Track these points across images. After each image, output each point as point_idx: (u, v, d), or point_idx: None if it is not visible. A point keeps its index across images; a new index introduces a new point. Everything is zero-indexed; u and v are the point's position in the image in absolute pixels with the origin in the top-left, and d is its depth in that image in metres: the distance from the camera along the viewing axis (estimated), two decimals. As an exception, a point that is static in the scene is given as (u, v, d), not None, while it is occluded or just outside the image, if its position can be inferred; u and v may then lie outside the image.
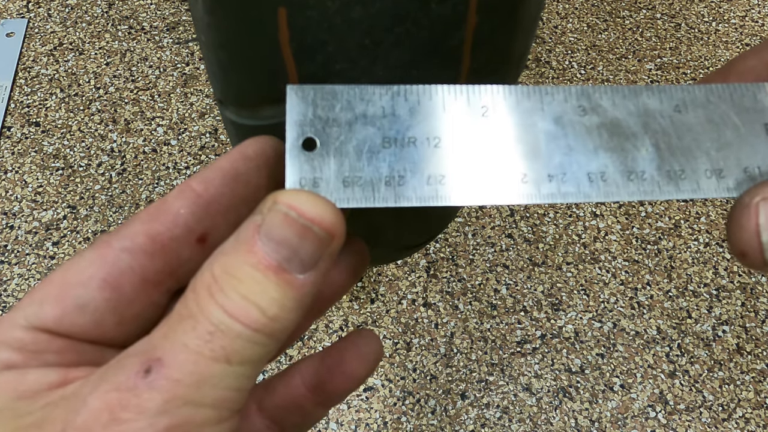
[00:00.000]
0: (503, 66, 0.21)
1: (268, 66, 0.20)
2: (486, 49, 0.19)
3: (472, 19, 0.18)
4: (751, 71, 0.20)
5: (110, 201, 0.72)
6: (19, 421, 0.15)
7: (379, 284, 0.67)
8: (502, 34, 0.20)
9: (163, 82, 0.83)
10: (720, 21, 0.97)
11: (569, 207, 0.75)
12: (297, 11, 0.18)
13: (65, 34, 0.88)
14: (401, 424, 0.59)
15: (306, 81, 0.20)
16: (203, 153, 0.76)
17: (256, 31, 0.19)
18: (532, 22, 0.21)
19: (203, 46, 0.23)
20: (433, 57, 0.19)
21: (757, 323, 0.67)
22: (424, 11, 0.17)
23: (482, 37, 0.19)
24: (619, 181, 0.17)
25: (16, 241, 0.68)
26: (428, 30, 0.18)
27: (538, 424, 0.60)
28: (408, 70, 0.19)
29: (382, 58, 0.19)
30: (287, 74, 0.20)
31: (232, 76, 0.22)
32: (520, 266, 0.70)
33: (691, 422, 0.61)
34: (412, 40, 0.18)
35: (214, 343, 0.14)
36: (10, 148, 0.76)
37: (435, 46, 0.18)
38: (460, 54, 0.19)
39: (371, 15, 0.17)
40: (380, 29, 0.18)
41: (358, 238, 0.19)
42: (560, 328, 0.66)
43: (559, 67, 0.89)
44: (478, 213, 0.73)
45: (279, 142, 0.18)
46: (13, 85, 0.82)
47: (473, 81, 0.20)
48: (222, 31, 0.21)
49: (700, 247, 0.72)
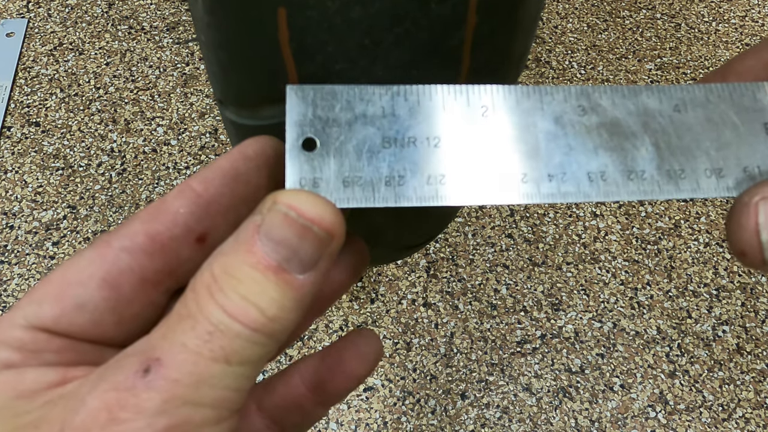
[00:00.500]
0: (503, 66, 0.21)
1: (267, 66, 0.20)
2: (486, 49, 0.19)
3: (471, 19, 0.18)
4: (749, 71, 0.19)
5: (110, 201, 0.72)
6: (18, 420, 0.15)
7: (379, 284, 0.67)
8: (502, 34, 0.20)
9: (163, 82, 0.83)
10: (720, 21, 0.97)
11: (569, 207, 0.75)
12: (297, 11, 0.18)
13: (65, 34, 0.88)
14: (401, 424, 0.59)
15: (306, 81, 0.20)
16: (203, 153, 0.76)
17: (256, 31, 0.19)
18: (531, 22, 0.21)
19: (203, 46, 0.23)
20: (432, 57, 0.19)
21: (757, 323, 0.67)
22: (424, 11, 0.17)
23: (482, 37, 0.19)
24: (619, 180, 0.17)
25: (16, 241, 0.68)
26: (428, 30, 0.18)
27: (538, 424, 0.60)
28: (408, 70, 0.19)
29: (381, 58, 0.19)
30: (287, 74, 0.20)
31: (232, 76, 0.22)
32: (520, 266, 0.70)
33: (691, 422, 0.61)
34: (412, 40, 0.18)
35: (214, 343, 0.14)
36: (10, 148, 0.76)
37: (435, 46, 0.18)
38: (459, 54, 0.19)
39: (371, 15, 0.17)
40: (380, 29, 0.18)
41: (358, 238, 0.19)
42: (560, 328, 0.66)
43: (559, 67, 0.89)
44: (478, 213, 0.73)
45: (279, 142, 0.18)
46: (13, 85, 0.82)
47: (473, 81, 0.20)
48: (222, 31, 0.21)
49: (700, 247, 0.72)
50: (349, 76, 0.19)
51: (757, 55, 0.20)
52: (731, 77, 0.20)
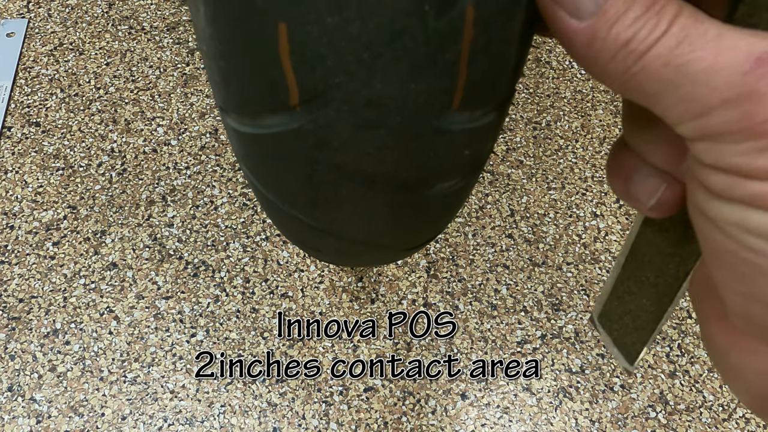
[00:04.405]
0: (500, 76, 0.21)
1: (268, 77, 0.20)
2: (482, 61, 0.20)
3: (468, 33, 0.18)
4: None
5: (110, 201, 0.72)
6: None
7: (379, 284, 0.67)
8: (498, 45, 0.20)
9: (163, 82, 0.83)
10: (720, 20, 0.97)
11: (569, 207, 0.75)
12: (297, 26, 0.18)
13: (65, 34, 0.88)
14: (401, 424, 0.59)
15: (306, 93, 0.20)
16: (203, 153, 0.77)
17: (256, 44, 0.19)
18: (528, 32, 0.21)
19: (204, 55, 0.23)
20: (430, 70, 0.19)
21: (757, 323, 0.67)
22: (422, 26, 0.18)
23: (478, 49, 0.19)
24: None
25: (16, 241, 0.69)
26: (425, 44, 0.18)
27: (538, 424, 0.60)
28: (406, 83, 0.19)
29: (380, 72, 0.19)
30: (287, 86, 0.20)
31: (233, 85, 0.23)
32: (520, 266, 0.70)
33: (692, 422, 0.61)
34: (410, 54, 0.18)
35: None
36: (10, 148, 0.76)
37: (432, 59, 0.19)
38: (456, 67, 0.19)
39: (370, 30, 0.18)
40: (378, 44, 0.18)
41: None
42: (560, 328, 0.66)
43: (559, 67, 0.89)
44: (479, 213, 0.74)
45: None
46: (13, 85, 0.82)
47: (469, 92, 0.20)
48: (223, 43, 0.21)
49: (699, 246, 0.73)
50: (349, 89, 0.19)
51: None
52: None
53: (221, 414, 0.59)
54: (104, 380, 0.60)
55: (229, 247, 0.69)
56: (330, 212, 0.28)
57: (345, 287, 0.67)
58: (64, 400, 0.59)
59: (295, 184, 0.26)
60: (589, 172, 0.78)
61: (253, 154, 0.26)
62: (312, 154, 0.23)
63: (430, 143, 0.22)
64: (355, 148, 0.22)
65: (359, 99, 0.20)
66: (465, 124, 0.22)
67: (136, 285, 0.66)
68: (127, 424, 0.58)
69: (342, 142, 0.22)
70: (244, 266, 0.68)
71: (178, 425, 0.58)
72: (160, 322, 0.64)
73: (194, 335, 0.63)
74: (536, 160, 0.79)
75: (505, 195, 0.75)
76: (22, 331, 0.63)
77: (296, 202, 0.28)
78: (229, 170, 0.75)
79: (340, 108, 0.20)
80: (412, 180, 0.25)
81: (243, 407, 0.59)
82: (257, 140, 0.25)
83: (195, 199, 0.73)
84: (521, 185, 0.76)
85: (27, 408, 0.58)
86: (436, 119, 0.21)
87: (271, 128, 0.24)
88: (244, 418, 0.59)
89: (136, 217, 0.71)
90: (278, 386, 0.61)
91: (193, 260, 0.68)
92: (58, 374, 0.60)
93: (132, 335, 0.63)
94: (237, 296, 0.66)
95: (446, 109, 0.21)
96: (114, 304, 0.65)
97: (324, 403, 0.60)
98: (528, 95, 0.85)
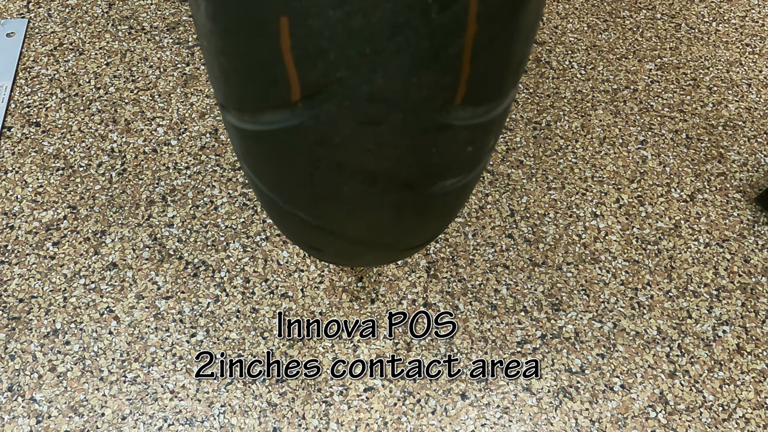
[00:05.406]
0: (502, 72, 0.21)
1: (269, 73, 0.20)
2: (485, 56, 0.19)
3: (472, 27, 0.18)
4: None
5: (110, 201, 0.72)
6: None
7: (379, 284, 0.67)
8: (502, 41, 0.20)
9: (163, 82, 0.83)
10: (720, 21, 0.97)
11: (569, 207, 0.75)
12: (299, 20, 0.18)
13: (65, 34, 0.88)
14: (401, 424, 0.59)
15: (307, 88, 0.20)
16: (203, 153, 0.76)
17: (258, 38, 0.19)
18: (530, 29, 0.21)
19: (205, 51, 0.23)
20: (433, 65, 0.19)
21: (757, 323, 0.67)
22: (425, 20, 0.17)
23: (482, 44, 0.19)
24: None
25: (16, 241, 0.68)
26: (428, 38, 0.18)
27: (538, 424, 0.60)
28: (408, 78, 0.19)
29: (382, 66, 0.19)
30: (289, 81, 0.20)
31: (233, 82, 0.23)
32: (520, 266, 0.70)
33: (692, 422, 0.61)
34: (413, 48, 0.18)
35: None
36: (10, 148, 0.76)
37: (435, 53, 0.18)
38: (459, 61, 0.19)
39: (372, 24, 0.17)
40: (381, 38, 0.18)
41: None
42: (560, 328, 0.66)
43: (559, 67, 0.89)
44: (479, 213, 0.74)
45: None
46: (13, 85, 0.82)
47: (473, 87, 0.20)
48: (224, 38, 0.21)
49: (700, 247, 0.73)
50: (350, 84, 0.19)
51: None
52: None
53: (221, 414, 0.59)
54: (104, 380, 0.60)
55: (229, 247, 0.69)
56: (331, 210, 0.28)
57: (345, 287, 0.67)
58: (64, 400, 0.59)
59: (295, 182, 0.26)
60: (589, 172, 0.78)
61: (254, 151, 0.26)
62: (313, 151, 0.23)
63: (432, 139, 0.22)
64: (356, 145, 0.22)
65: (361, 94, 0.20)
66: (468, 120, 0.22)
67: (136, 285, 0.66)
68: (127, 424, 0.58)
69: (343, 139, 0.22)
70: (244, 266, 0.68)
71: (178, 425, 0.58)
72: (160, 322, 0.64)
73: (194, 335, 0.63)
74: (536, 160, 0.79)
75: (505, 195, 0.75)
76: (22, 331, 0.63)
77: (297, 201, 0.28)
78: (229, 170, 0.75)
79: (342, 103, 0.20)
80: (414, 177, 0.25)
81: (243, 407, 0.59)
82: (258, 137, 0.25)
83: (195, 199, 0.72)
84: (521, 185, 0.76)
85: (27, 408, 0.58)
86: (438, 115, 0.21)
87: (272, 125, 0.23)
88: (244, 418, 0.59)
89: (136, 217, 0.71)
90: (278, 386, 0.61)
91: (193, 260, 0.68)
92: (58, 374, 0.60)
93: (132, 335, 0.63)
94: (237, 296, 0.66)
95: (449, 104, 0.21)
96: (114, 304, 0.65)
97: (324, 403, 0.60)
98: (528, 95, 0.85)
